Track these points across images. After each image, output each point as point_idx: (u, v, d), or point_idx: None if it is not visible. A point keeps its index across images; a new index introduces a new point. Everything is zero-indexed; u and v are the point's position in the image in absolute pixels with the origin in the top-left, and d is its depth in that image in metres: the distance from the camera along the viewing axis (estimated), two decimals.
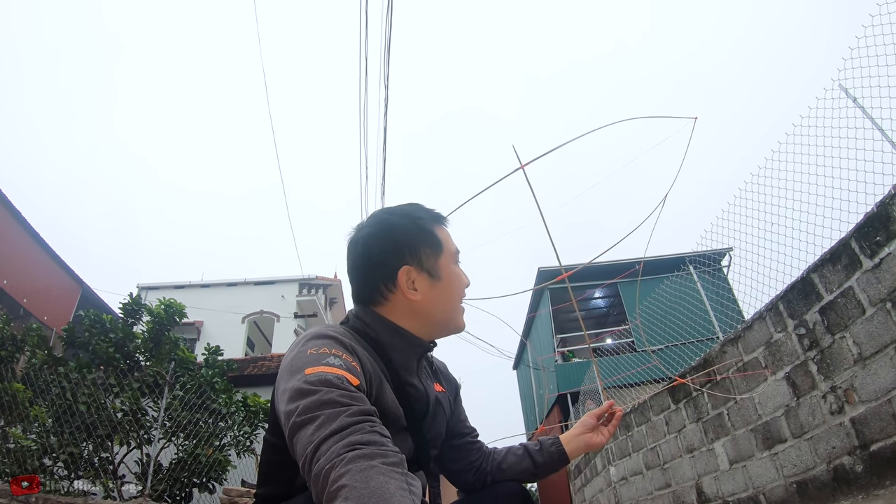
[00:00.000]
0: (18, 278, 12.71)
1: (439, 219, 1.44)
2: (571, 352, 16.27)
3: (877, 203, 3.21)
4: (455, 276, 1.41)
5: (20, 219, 13.04)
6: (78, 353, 6.43)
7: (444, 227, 1.44)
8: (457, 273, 1.42)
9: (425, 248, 1.35)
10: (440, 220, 1.44)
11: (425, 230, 1.37)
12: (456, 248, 1.45)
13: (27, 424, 6.01)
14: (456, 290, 1.41)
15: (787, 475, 4.02)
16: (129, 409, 5.97)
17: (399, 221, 1.38)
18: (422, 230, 1.37)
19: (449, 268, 1.39)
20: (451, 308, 1.40)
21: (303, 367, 1.05)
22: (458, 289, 1.42)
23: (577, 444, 1.57)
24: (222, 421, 6.55)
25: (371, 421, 0.95)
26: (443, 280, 1.37)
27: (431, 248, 1.36)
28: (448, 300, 1.38)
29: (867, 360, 3.24)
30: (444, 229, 1.44)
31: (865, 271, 3.24)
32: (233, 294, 22.87)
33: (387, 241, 1.34)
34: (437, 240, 1.39)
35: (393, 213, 1.42)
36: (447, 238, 1.42)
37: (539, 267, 15.60)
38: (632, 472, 7.03)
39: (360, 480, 0.80)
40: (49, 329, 12.35)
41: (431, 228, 1.39)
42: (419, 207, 1.44)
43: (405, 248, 1.34)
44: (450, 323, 1.41)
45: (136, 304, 6.88)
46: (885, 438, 3.12)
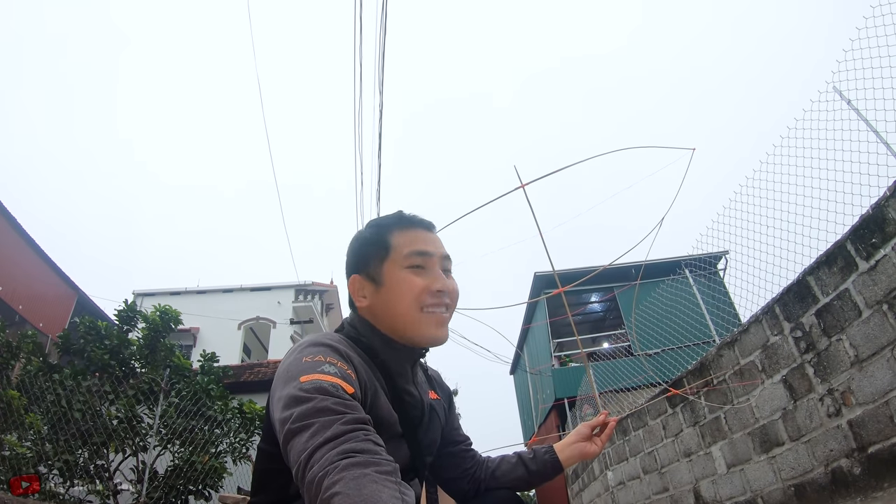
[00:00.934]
0: (14, 285, 12.67)
1: (403, 223, 1.39)
2: (569, 356, 16.25)
3: (872, 205, 3.22)
4: (400, 281, 1.30)
5: (15, 225, 13.01)
6: (73, 359, 6.40)
7: (406, 231, 1.37)
8: (404, 278, 1.31)
9: (374, 256, 1.35)
10: (404, 224, 1.39)
11: (379, 237, 1.36)
12: (418, 251, 1.33)
13: (22, 432, 5.97)
14: (402, 295, 1.30)
15: (784, 478, 4.02)
16: (125, 417, 5.95)
17: (363, 232, 1.42)
18: (376, 237, 1.37)
19: (394, 273, 1.32)
20: (402, 314, 1.30)
21: (298, 374, 1.05)
22: (405, 294, 1.30)
23: (572, 452, 1.57)
24: (218, 428, 6.52)
25: (365, 429, 0.94)
26: (385, 285, 1.32)
27: (378, 255, 1.34)
28: (394, 305, 1.30)
29: (864, 363, 3.24)
30: (408, 234, 1.36)
31: (861, 273, 3.25)
32: (229, 300, 22.81)
33: (349, 253, 1.42)
34: (387, 246, 1.34)
35: (368, 223, 1.45)
36: (404, 243, 1.34)
37: (535, 272, 15.57)
38: (629, 477, 7.02)
39: (353, 488, 0.79)
40: (44, 336, 12.29)
41: (385, 235, 1.36)
42: (393, 215, 1.43)
43: (357, 257, 1.39)
44: (407, 331, 1.31)
45: (131, 310, 6.86)
46: (883, 440, 3.12)
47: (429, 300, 1.30)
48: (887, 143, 3.82)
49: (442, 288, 1.32)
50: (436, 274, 1.34)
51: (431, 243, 1.37)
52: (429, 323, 1.30)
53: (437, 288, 1.31)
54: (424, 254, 1.33)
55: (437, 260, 1.36)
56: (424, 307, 1.30)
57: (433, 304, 1.31)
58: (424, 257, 1.33)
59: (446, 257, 1.40)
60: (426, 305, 1.30)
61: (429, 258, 1.34)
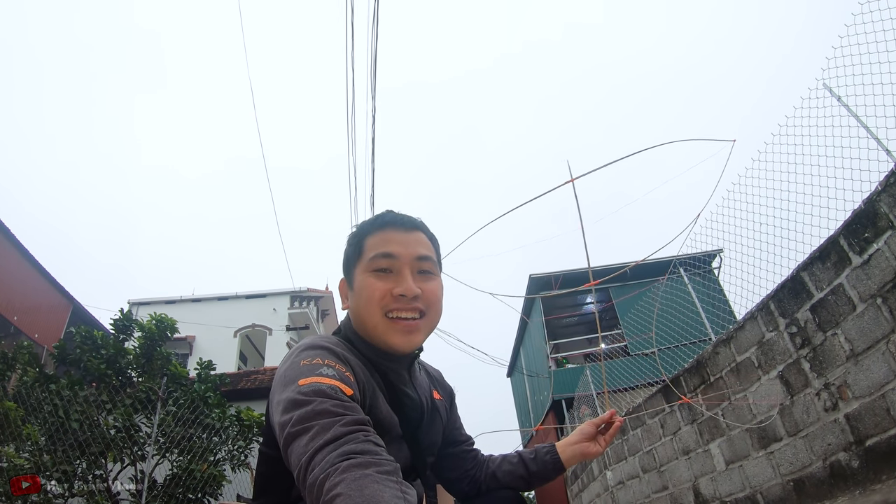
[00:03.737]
0: (8, 296, 12.60)
1: (377, 224, 1.35)
2: (565, 358, 16.25)
3: (864, 200, 3.24)
4: (363, 286, 1.27)
5: (9, 235, 12.94)
6: (69, 369, 6.39)
7: (379, 233, 1.33)
8: (366, 282, 1.27)
9: (352, 260, 1.35)
10: (378, 225, 1.35)
11: (356, 240, 1.36)
12: (381, 253, 1.28)
13: (20, 443, 5.93)
14: (364, 298, 1.26)
15: (783, 473, 4.03)
16: (123, 426, 5.93)
17: (350, 236, 1.41)
18: (354, 240, 1.37)
19: (359, 276, 1.29)
20: (366, 319, 1.27)
21: (296, 378, 1.05)
22: (366, 299, 1.26)
23: (573, 452, 1.56)
24: (216, 436, 6.50)
25: (365, 430, 0.94)
26: (354, 290, 1.31)
27: (353, 259, 1.34)
28: (360, 310, 1.28)
29: (859, 357, 3.26)
30: (380, 235, 1.32)
31: (855, 268, 3.26)
32: (224, 308, 22.73)
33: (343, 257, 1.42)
34: (360, 249, 1.32)
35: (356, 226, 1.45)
36: (373, 245, 1.30)
37: (531, 274, 15.57)
38: (629, 476, 7.03)
39: (354, 489, 0.79)
40: (40, 346, 12.24)
41: (362, 237, 1.34)
42: (375, 216, 1.40)
43: (343, 261, 1.40)
44: (374, 337, 1.28)
45: (127, 319, 6.84)
46: (881, 433, 3.13)
47: (392, 304, 1.25)
48: (878, 139, 3.84)
49: (404, 292, 1.25)
50: (402, 277, 1.27)
51: (401, 244, 1.30)
52: (393, 330, 1.26)
53: (398, 292, 1.25)
54: (388, 256, 1.28)
55: (407, 262, 1.29)
56: (388, 312, 1.25)
57: (397, 308, 1.26)
58: (389, 259, 1.28)
59: (422, 258, 1.31)
60: (390, 311, 1.25)
61: (394, 260, 1.28)
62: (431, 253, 1.35)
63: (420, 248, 1.32)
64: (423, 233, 1.38)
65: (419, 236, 1.36)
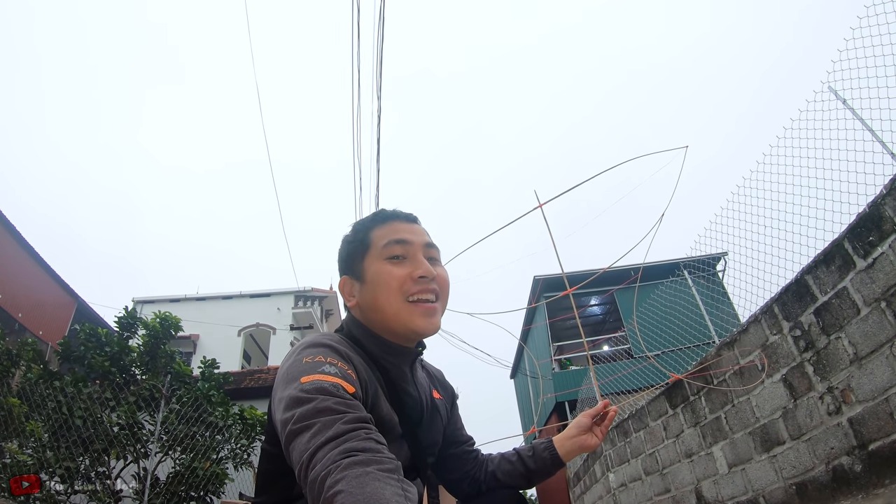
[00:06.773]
0: (13, 293, 12.66)
1: (380, 217, 1.39)
2: (569, 360, 16.24)
3: (869, 203, 3.23)
4: (379, 273, 1.29)
5: (14, 232, 13.00)
6: (73, 367, 6.41)
7: (384, 225, 1.37)
8: (383, 269, 1.29)
9: (356, 255, 1.36)
10: (381, 218, 1.39)
11: (358, 235, 1.38)
12: (395, 239, 1.32)
13: (23, 439, 5.97)
14: (383, 286, 1.28)
15: (786, 477, 4.02)
16: (126, 423, 5.95)
17: (346, 234, 1.44)
18: (356, 236, 1.39)
19: (372, 266, 1.31)
20: (386, 306, 1.28)
21: (298, 375, 1.05)
22: (386, 284, 1.28)
23: (571, 446, 1.56)
24: (219, 434, 6.53)
25: (367, 428, 0.95)
26: (367, 280, 1.32)
27: (360, 253, 1.35)
28: (377, 299, 1.29)
29: (863, 360, 3.24)
30: (385, 227, 1.36)
31: (859, 271, 3.25)
32: (228, 307, 22.80)
33: (337, 257, 1.44)
34: (366, 243, 1.35)
35: (351, 225, 1.47)
36: (382, 235, 1.34)
37: (535, 275, 15.57)
38: (631, 479, 7.01)
39: (355, 486, 0.80)
40: (44, 343, 12.32)
41: (365, 232, 1.37)
42: (373, 213, 1.44)
43: (343, 258, 1.42)
44: (394, 324, 1.29)
45: (131, 317, 6.87)
46: (884, 437, 3.12)
47: (413, 288, 1.28)
48: (883, 142, 3.83)
49: (424, 273, 1.29)
50: (418, 261, 1.31)
51: (410, 232, 1.36)
52: (415, 313, 1.28)
53: (419, 274, 1.29)
54: (403, 242, 1.32)
55: (419, 248, 1.34)
56: (409, 296, 1.28)
57: (418, 291, 1.29)
58: (404, 246, 1.32)
59: (430, 245, 1.37)
60: (410, 294, 1.28)
61: (408, 246, 1.32)
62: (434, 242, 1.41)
63: (426, 236, 1.39)
64: (421, 226, 1.44)
65: (421, 227, 1.42)
